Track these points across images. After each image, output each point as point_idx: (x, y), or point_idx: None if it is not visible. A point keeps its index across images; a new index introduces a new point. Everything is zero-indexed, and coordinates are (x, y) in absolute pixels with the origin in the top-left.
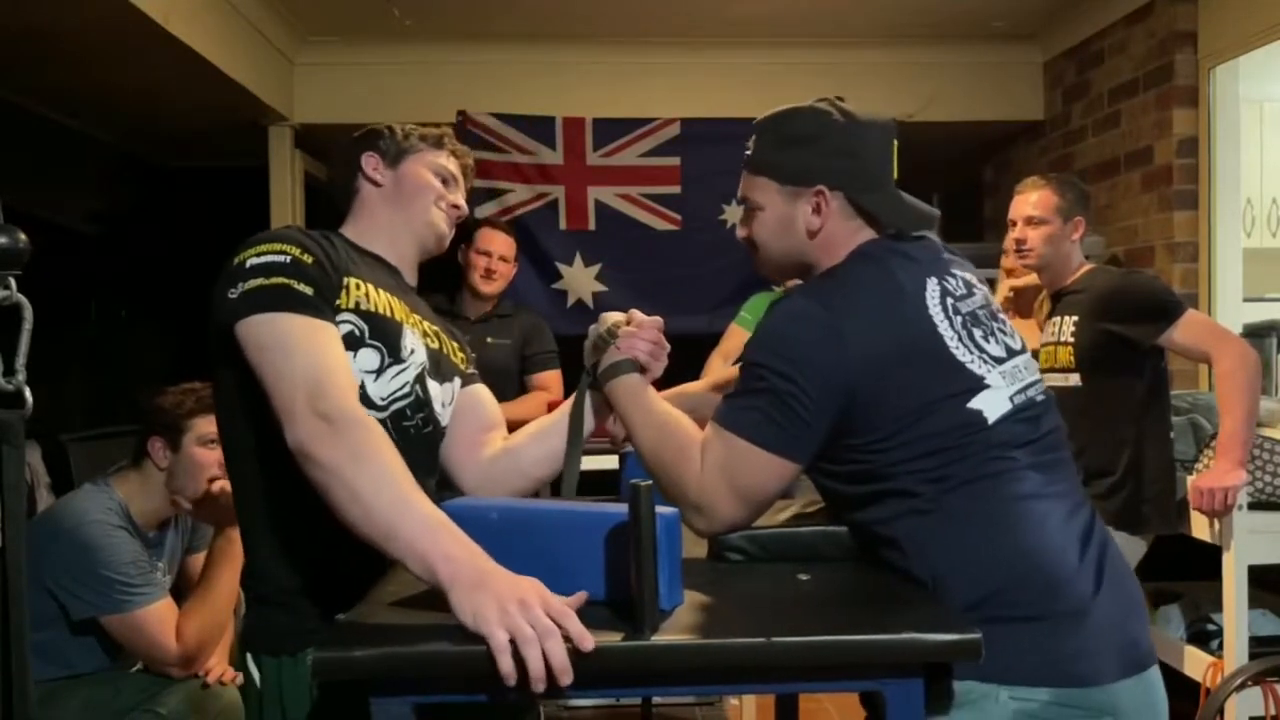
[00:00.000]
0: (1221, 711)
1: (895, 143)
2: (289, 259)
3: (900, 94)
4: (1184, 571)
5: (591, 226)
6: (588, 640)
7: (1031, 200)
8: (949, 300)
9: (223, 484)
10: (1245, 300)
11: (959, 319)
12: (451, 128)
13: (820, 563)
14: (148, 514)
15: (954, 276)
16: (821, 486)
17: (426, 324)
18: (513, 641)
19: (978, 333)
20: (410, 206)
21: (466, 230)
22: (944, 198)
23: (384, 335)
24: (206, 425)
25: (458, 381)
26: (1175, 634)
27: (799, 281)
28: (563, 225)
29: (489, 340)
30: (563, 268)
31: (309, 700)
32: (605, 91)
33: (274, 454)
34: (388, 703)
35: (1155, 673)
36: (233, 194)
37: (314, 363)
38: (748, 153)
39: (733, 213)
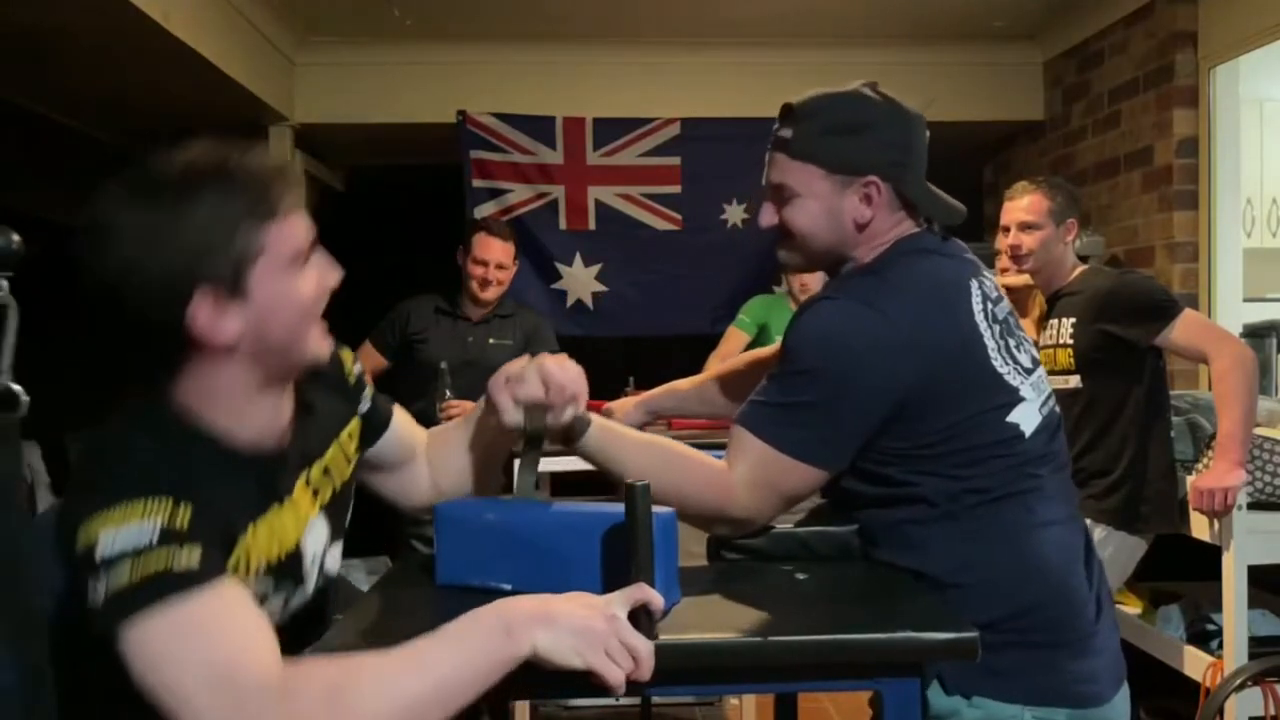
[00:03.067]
0: (1221, 711)
1: (925, 135)
2: (158, 526)
3: (900, 94)
4: (1184, 571)
5: (591, 226)
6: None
7: (1023, 205)
8: (988, 305)
9: None
10: (1245, 300)
11: (996, 327)
12: (451, 127)
13: (818, 562)
14: None
15: (987, 278)
16: (840, 483)
17: (317, 467)
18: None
19: (1011, 342)
20: (288, 353)
21: (464, 233)
22: None
23: (290, 574)
24: None
25: (347, 516)
26: (1175, 634)
27: (799, 281)
28: (563, 225)
29: (491, 341)
30: (562, 268)
31: None
32: (605, 91)
33: None
34: None
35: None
36: None
37: (220, 657)
38: (784, 136)
39: (733, 212)
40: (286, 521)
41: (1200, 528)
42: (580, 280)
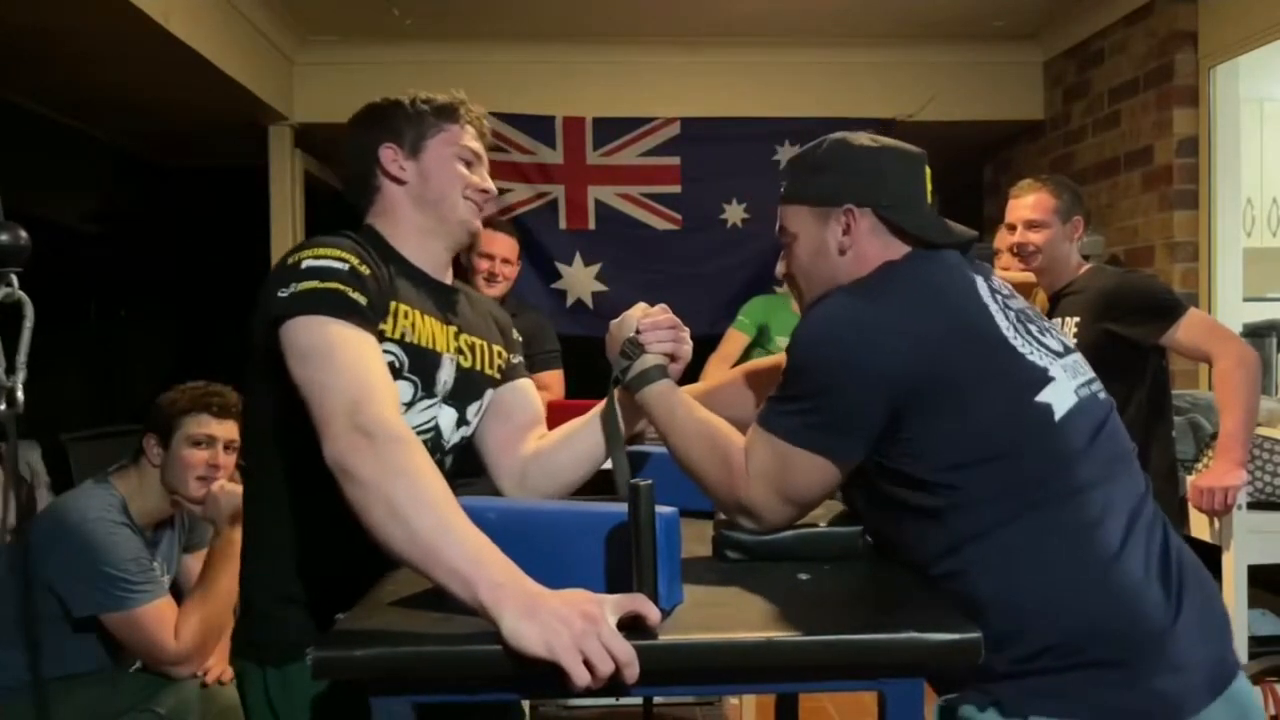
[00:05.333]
0: None
1: (927, 170)
2: (348, 267)
3: (900, 94)
4: None
5: (591, 226)
6: (632, 671)
7: (1028, 203)
8: (999, 296)
9: (222, 484)
10: (1245, 300)
11: (1011, 313)
12: None
13: (820, 562)
14: (146, 512)
15: (996, 280)
16: (860, 496)
17: (464, 337)
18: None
19: (1033, 328)
20: (440, 206)
21: None
22: (944, 198)
23: (422, 369)
24: (195, 425)
25: (486, 396)
26: None
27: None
28: (563, 225)
29: None
30: (562, 267)
31: (295, 710)
32: (605, 91)
33: (298, 464)
34: (388, 702)
35: (1243, 685)
36: (233, 194)
37: (358, 375)
38: (781, 188)
39: (733, 212)
40: (435, 331)
41: (1200, 527)
42: (580, 280)
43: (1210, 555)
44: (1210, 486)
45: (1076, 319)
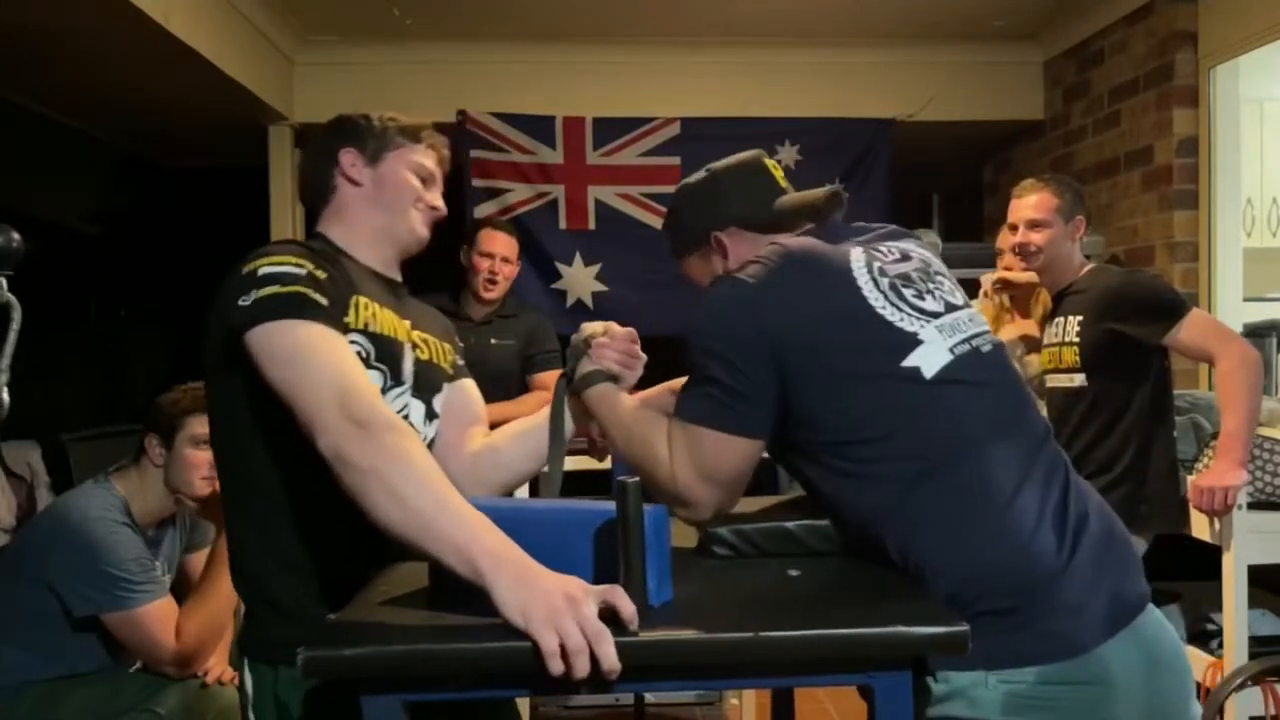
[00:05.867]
0: (1221, 711)
1: (767, 162)
2: (305, 271)
3: (900, 94)
4: (1184, 571)
5: (591, 226)
6: (612, 665)
7: (1031, 203)
8: (875, 264)
9: None
10: (1245, 300)
11: (885, 280)
12: (451, 127)
13: (809, 557)
14: (147, 512)
15: (885, 247)
16: (800, 482)
17: (417, 333)
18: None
19: (908, 292)
20: (391, 210)
21: (468, 231)
22: (944, 198)
23: (389, 357)
24: (199, 425)
25: (445, 390)
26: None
27: None
28: (562, 225)
29: (493, 341)
30: (562, 267)
31: (307, 709)
32: (605, 91)
33: (274, 461)
34: (378, 701)
35: (1150, 618)
36: (233, 194)
37: (340, 370)
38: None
39: None
40: (395, 322)
41: (1200, 527)
42: (580, 280)
43: (1210, 555)
44: (1211, 486)
45: (1079, 317)
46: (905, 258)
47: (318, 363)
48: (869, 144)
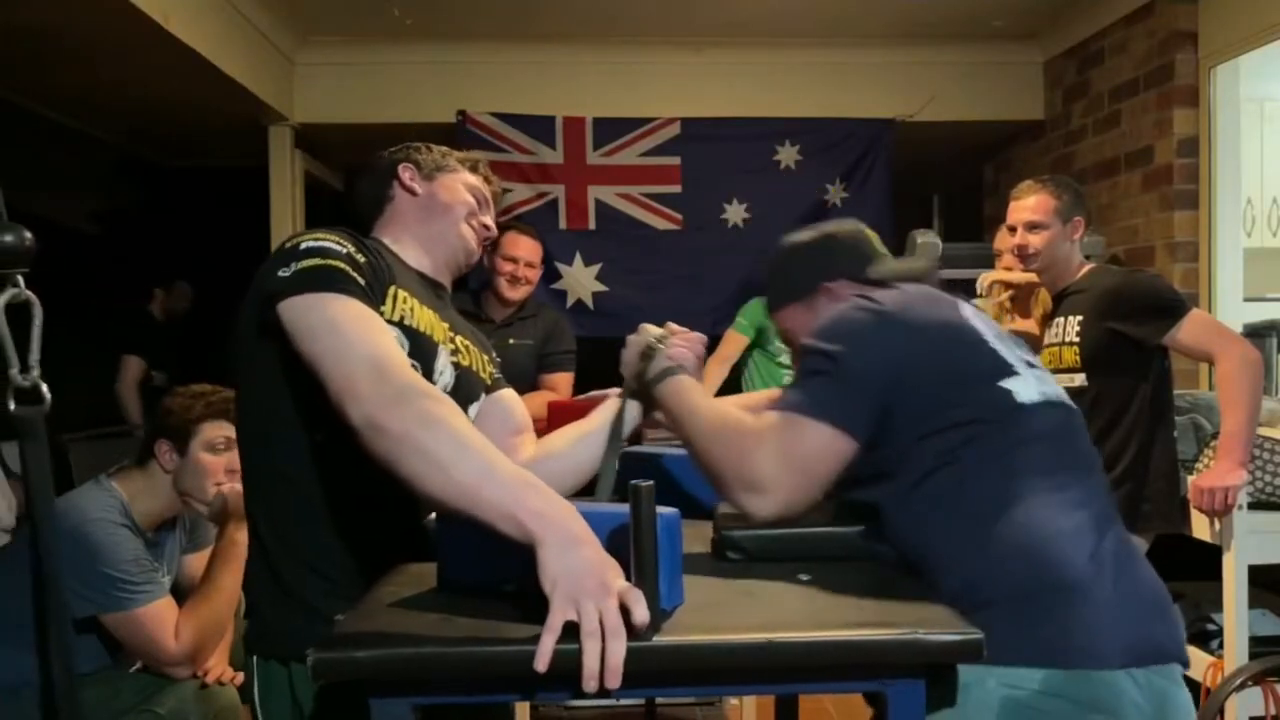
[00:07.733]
0: (1221, 711)
1: (866, 231)
2: (345, 251)
3: (900, 94)
4: (1184, 571)
5: (592, 226)
6: (615, 677)
7: (1029, 204)
8: (979, 316)
9: (231, 486)
10: (1245, 300)
11: (988, 328)
12: (451, 127)
13: (821, 562)
14: (149, 514)
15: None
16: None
17: (459, 339)
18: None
19: (1010, 342)
20: (444, 219)
21: None
22: (944, 198)
23: (421, 354)
24: (214, 430)
25: (481, 400)
26: None
27: None
28: (563, 225)
29: (512, 341)
30: (563, 267)
31: (322, 706)
32: (605, 91)
33: (302, 448)
34: (387, 704)
35: (1175, 676)
36: (233, 194)
37: (375, 342)
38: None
39: (733, 212)
40: (433, 322)
41: (1201, 527)
42: (580, 280)
43: (1211, 555)
44: (1211, 486)
45: (1079, 317)
46: (992, 322)
47: (352, 335)
48: (869, 144)
